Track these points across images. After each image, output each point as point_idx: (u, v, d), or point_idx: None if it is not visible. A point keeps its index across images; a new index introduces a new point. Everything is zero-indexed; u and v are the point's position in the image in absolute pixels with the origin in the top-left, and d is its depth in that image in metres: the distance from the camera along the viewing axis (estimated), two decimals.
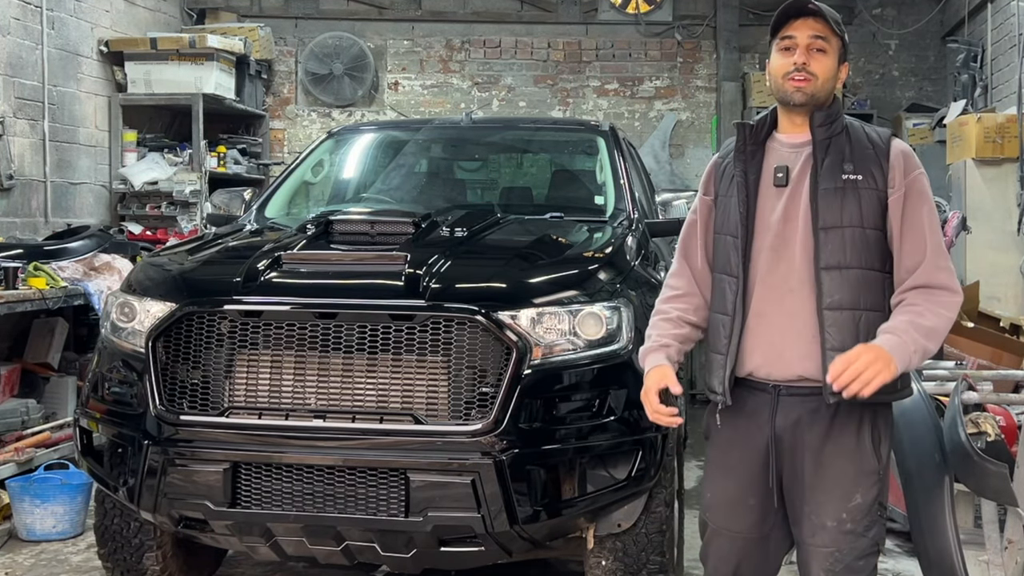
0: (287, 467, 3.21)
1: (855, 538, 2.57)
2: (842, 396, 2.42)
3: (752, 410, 2.63)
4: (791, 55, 2.59)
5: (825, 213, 2.53)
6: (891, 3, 9.54)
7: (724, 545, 2.72)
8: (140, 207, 8.03)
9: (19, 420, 5.49)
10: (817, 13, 2.59)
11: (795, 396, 2.57)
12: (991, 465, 2.73)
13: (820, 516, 2.57)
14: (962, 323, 5.06)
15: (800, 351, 2.54)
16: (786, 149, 2.65)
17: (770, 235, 2.59)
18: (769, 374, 2.59)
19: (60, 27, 7.25)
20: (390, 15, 9.68)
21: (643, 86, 9.69)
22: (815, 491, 2.57)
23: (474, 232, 3.88)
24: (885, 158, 2.57)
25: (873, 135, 2.62)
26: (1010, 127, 6.62)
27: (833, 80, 2.62)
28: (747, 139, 2.66)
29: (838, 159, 2.56)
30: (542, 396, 3.21)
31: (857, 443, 2.56)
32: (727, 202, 2.67)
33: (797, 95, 2.58)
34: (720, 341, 2.63)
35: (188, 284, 3.52)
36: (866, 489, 2.57)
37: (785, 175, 2.60)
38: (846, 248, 2.52)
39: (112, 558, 3.78)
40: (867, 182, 2.55)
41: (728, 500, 2.70)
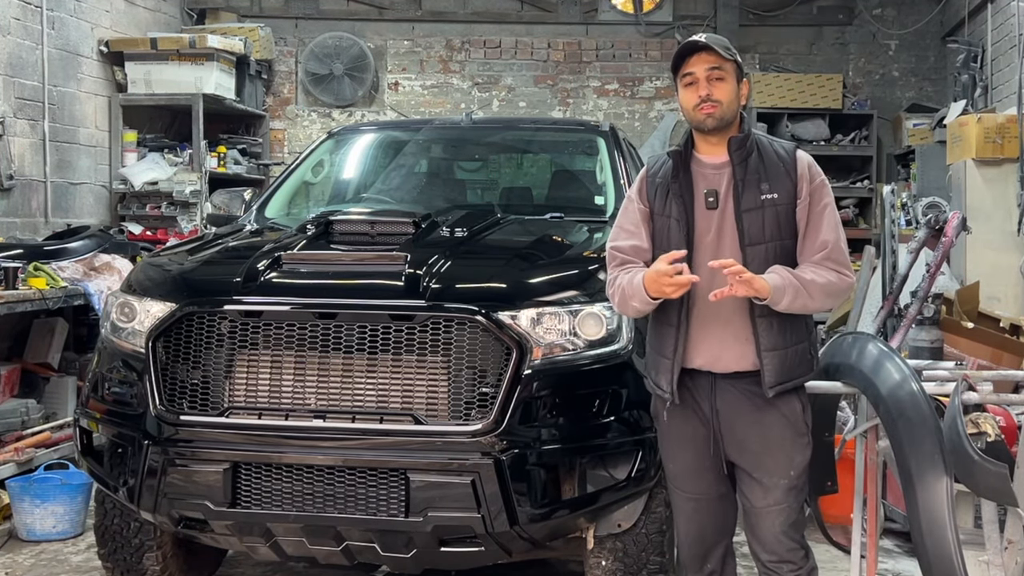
0: (287, 467, 3.21)
1: (798, 493, 2.98)
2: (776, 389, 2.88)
3: (695, 392, 2.97)
4: (695, 89, 2.92)
5: (750, 231, 2.89)
6: (891, 3, 9.53)
7: (689, 507, 3.08)
8: (140, 207, 8.03)
9: (19, 420, 5.49)
10: (707, 47, 2.90)
11: (729, 380, 2.94)
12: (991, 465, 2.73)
13: (772, 476, 2.95)
14: (962, 323, 5.06)
15: (736, 353, 2.91)
16: (709, 171, 2.96)
17: (707, 253, 2.90)
18: (712, 369, 2.95)
19: (60, 27, 7.25)
20: (390, 15, 9.69)
21: (643, 86, 9.69)
22: (762, 456, 2.95)
23: (474, 232, 3.88)
24: (793, 171, 2.93)
25: (781, 151, 2.97)
26: (1010, 127, 6.62)
27: (736, 100, 2.95)
28: (679, 165, 2.97)
29: (755, 180, 2.91)
30: (542, 396, 3.21)
31: (790, 411, 2.95)
32: (665, 221, 2.97)
33: (709, 121, 2.91)
34: (667, 347, 2.96)
35: (188, 284, 3.52)
36: (801, 449, 2.97)
37: (716, 198, 2.93)
38: (770, 260, 2.88)
39: (112, 558, 3.79)
40: (782, 198, 2.91)
41: (688, 468, 3.04)
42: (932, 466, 2.83)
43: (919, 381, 3.01)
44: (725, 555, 3.12)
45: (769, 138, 3.03)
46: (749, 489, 3.00)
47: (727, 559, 3.14)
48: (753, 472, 2.97)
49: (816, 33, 9.59)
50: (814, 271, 2.87)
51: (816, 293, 2.85)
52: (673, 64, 2.99)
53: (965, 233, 4.73)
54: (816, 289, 2.85)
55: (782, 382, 2.90)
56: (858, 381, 3.17)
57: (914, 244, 4.75)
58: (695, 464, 3.02)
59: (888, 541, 4.62)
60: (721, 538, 3.11)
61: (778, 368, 2.89)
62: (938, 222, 4.64)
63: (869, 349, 3.18)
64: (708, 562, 3.10)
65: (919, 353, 4.51)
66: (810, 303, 2.86)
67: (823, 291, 2.87)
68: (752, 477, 2.98)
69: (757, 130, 3.07)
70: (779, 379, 2.89)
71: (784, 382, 2.90)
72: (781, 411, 2.93)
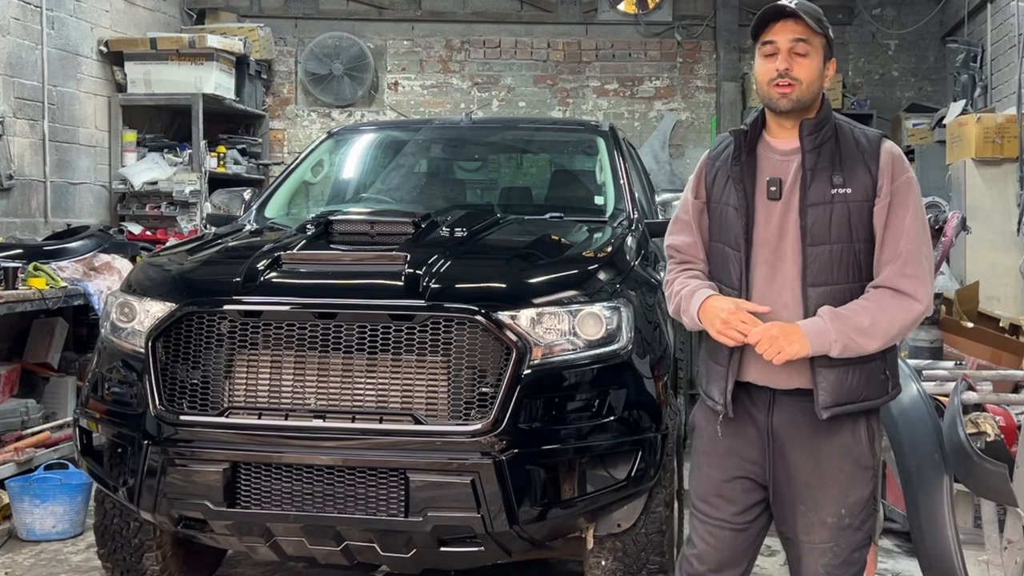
0: (287, 467, 3.21)
1: (852, 532, 2.62)
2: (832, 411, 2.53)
3: (748, 407, 2.66)
4: (774, 60, 2.57)
5: (814, 229, 2.54)
6: (891, 3, 9.54)
7: (706, 530, 2.76)
8: (140, 207, 8.03)
9: (19, 420, 5.49)
10: (796, 15, 2.55)
11: (790, 396, 2.61)
12: (990, 465, 2.73)
13: (819, 513, 2.61)
14: (962, 323, 5.06)
15: (796, 366, 2.55)
16: (777, 156, 2.63)
17: (766, 249, 2.59)
18: (768, 384, 2.64)
19: (60, 27, 7.25)
20: (390, 15, 9.69)
21: (643, 86, 9.69)
22: (812, 489, 2.61)
23: (474, 232, 3.88)
24: (875, 163, 2.56)
25: (863, 140, 2.61)
26: (1010, 127, 6.62)
27: (819, 81, 2.59)
28: (742, 146, 2.65)
29: (827, 171, 2.56)
30: (542, 396, 3.21)
31: (853, 440, 2.60)
32: (722, 209, 2.67)
33: (783, 101, 2.57)
34: (722, 352, 2.65)
35: (188, 284, 3.52)
36: (863, 485, 2.61)
37: (778, 188, 2.59)
38: (833, 265, 2.54)
39: (112, 558, 3.78)
40: (856, 193, 2.55)
41: (713, 489, 2.74)
42: (932, 466, 2.83)
43: (919, 381, 3.01)
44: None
45: (852, 124, 2.66)
46: (792, 519, 2.66)
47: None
48: (800, 503, 2.64)
49: None
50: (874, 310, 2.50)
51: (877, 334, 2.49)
52: (753, 29, 2.61)
53: (965, 233, 4.74)
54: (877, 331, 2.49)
55: (841, 403, 2.54)
56: None
57: None
58: (720, 486, 2.72)
59: (888, 541, 4.62)
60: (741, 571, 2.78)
61: (835, 387, 2.54)
62: (938, 222, 4.64)
63: None
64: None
65: (919, 353, 4.51)
66: (867, 347, 2.50)
67: (886, 333, 2.50)
68: (798, 508, 2.64)
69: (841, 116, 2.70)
70: (837, 400, 2.54)
71: (844, 403, 2.55)
72: (842, 438, 2.59)
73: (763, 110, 2.69)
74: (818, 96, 2.61)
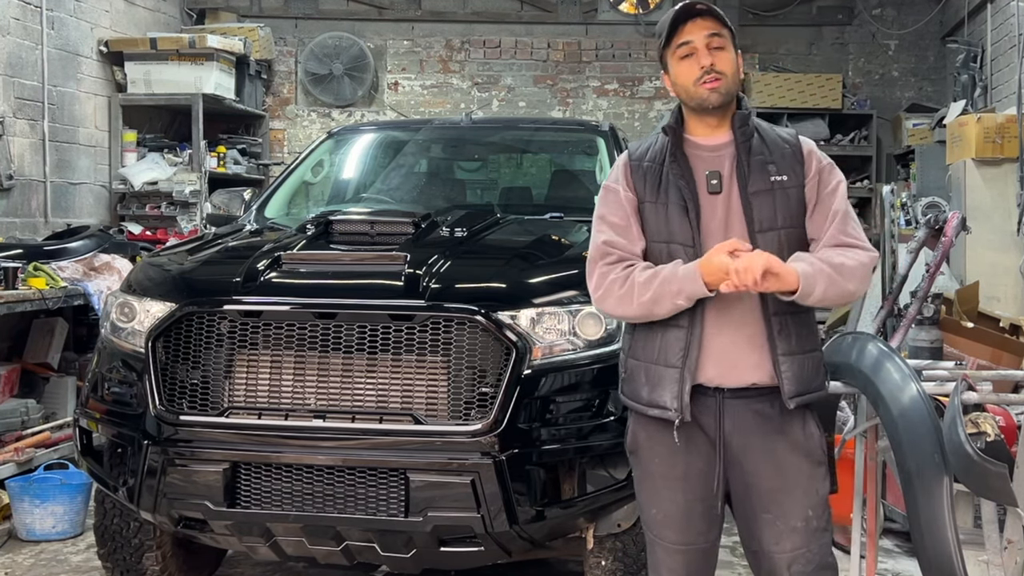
0: (287, 467, 3.21)
1: (821, 534, 2.59)
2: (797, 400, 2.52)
3: (698, 416, 2.56)
4: (692, 61, 2.57)
5: (760, 216, 2.55)
6: (891, 3, 9.53)
7: (676, 561, 2.65)
8: (140, 207, 8.03)
9: (19, 420, 5.49)
10: (705, 12, 2.56)
11: (740, 399, 2.56)
12: (990, 465, 2.72)
13: (787, 519, 2.56)
14: (962, 323, 5.05)
15: (752, 360, 2.54)
16: (707, 153, 2.62)
17: (714, 241, 2.53)
18: (721, 384, 2.56)
19: (60, 27, 7.25)
20: (390, 15, 9.69)
21: (643, 86, 9.69)
22: (777, 494, 2.56)
23: (474, 232, 3.88)
24: (800, 153, 2.62)
25: (784, 134, 2.67)
26: (1010, 127, 6.61)
27: (738, 72, 2.61)
28: (676, 147, 2.62)
29: (761, 161, 2.58)
30: (542, 396, 3.21)
31: (804, 436, 2.59)
32: (659, 209, 2.60)
33: (714, 96, 2.56)
34: (673, 354, 2.54)
35: (188, 284, 3.52)
36: (820, 481, 2.61)
37: (719, 181, 2.58)
38: (783, 250, 2.52)
39: (112, 558, 3.79)
40: (791, 180, 2.58)
41: (677, 513, 2.62)
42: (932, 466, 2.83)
43: (919, 381, 3.01)
44: None
45: (765, 122, 2.71)
46: (759, 530, 2.59)
47: None
48: (764, 512, 2.58)
49: (816, 33, 9.59)
50: (842, 253, 2.52)
51: (850, 276, 2.50)
52: (666, 33, 2.60)
53: (965, 233, 4.72)
54: (849, 272, 2.49)
55: (803, 393, 2.54)
56: (858, 381, 3.17)
57: (914, 244, 4.74)
58: (685, 508, 2.61)
59: (888, 541, 4.62)
60: None
61: (797, 376, 2.53)
62: (937, 222, 4.63)
63: (869, 349, 3.18)
64: None
65: (919, 353, 4.50)
66: (847, 287, 2.50)
67: (855, 273, 2.51)
68: (763, 517, 2.58)
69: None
70: (799, 389, 2.53)
71: (804, 393, 2.55)
72: (796, 436, 2.58)
73: (679, 111, 2.67)
74: (738, 88, 2.63)
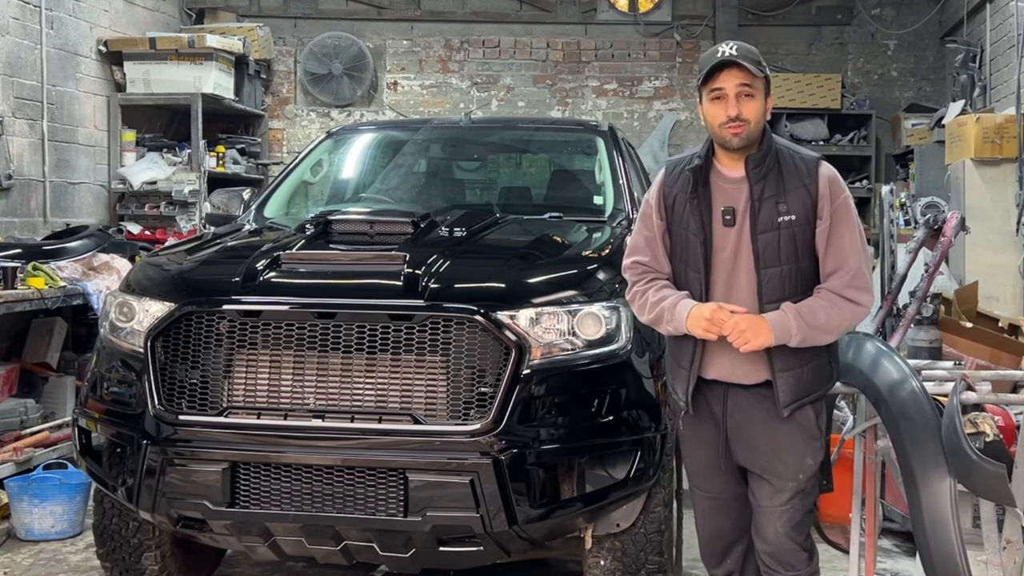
0: (286, 467, 3.21)
1: (804, 497, 2.98)
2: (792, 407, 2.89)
3: (708, 398, 3.01)
4: (723, 104, 2.85)
5: (765, 254, 2.85)
6: (890, 3, 9.54)
7: (706, 505, 3.14)
8: (139, 207, 8.03)
9: (18, 420, 5.49)
10: (740, 64, 2.83)
11: (744, 390, 2.95)
12: (989, 465, 2.73)
13: (781, 478, 2.96)
14: (961, 323, 5.06)
15: (750, 368, 2.91)
16: (728, 185, 2.91)
17: (724, 271, 2.91)
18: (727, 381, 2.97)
19: (59, 27, 7.25)
20: (389, 15, 9.69)
21: (642, 86, 9.69)
22: (772, 459, 2.95)
23: (473, 232, 3.88)
24: (814, 186, 2.86)
25: (801, 165, 2.89)
26: (1009, 127, 6.61)
27: (763, 117, 2.89)
28: (697, 180, 2.91)
29: (773, 199, 2.85)
30: (541, 396, 3.21)
31: (802, 415, 2.94)
32: (684, 235, 2.95)
33: (735, 140, 2.85)
34: (684, 358, 2.98)
35: (187, 284, 3.52)
36: (814, 453, 2.97)
37: (732, 216, 2.88)
38: (784, 284, 2.86)
39: (111, 558, 3.78)
40: (799, 220, 2.85)
41: (704, 466, 3.09)
42: (935, 466, 2.83)
43: (920, 381, 3.02)
44: (746, 554, 3.13)
45: (792, 148, 2.96)
46: (758, 488, 3.01)
47: (748, 558, 3.13)
48: (763, 473, 2.99)
49: (815, 33, 9.60)
50: (829, 309, 2.84)
51: (832, 330, 2.86)
52: (702, 77, 2.89)
53: (964, 233, 4.73)
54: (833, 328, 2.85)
55: (798, 399, 2.91)
56: (857, 381, 3.17)
57: (913, 244, 4.75)
58: (711, 463, 3.06)
59: (887, 541, 4.62)
60: (739, 537, 3.12)
61: (793, 387, 2.89)
62: (937, 222, 4.64)
63: (868, 348, 3.18)
64: (727, 558, 3.14)
65: (918, 353, 4.51)
66: (822, 340, 2.87)
67: (837, 329, 2.87)
68: (762, 477, 2.99)
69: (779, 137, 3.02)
70: (794, 397, 2.90)
71: (800, 399, 2.91)
72: (795, 419, 2.94)
73: (711, 142, 2.95)
74: (761, 129, 2.90)
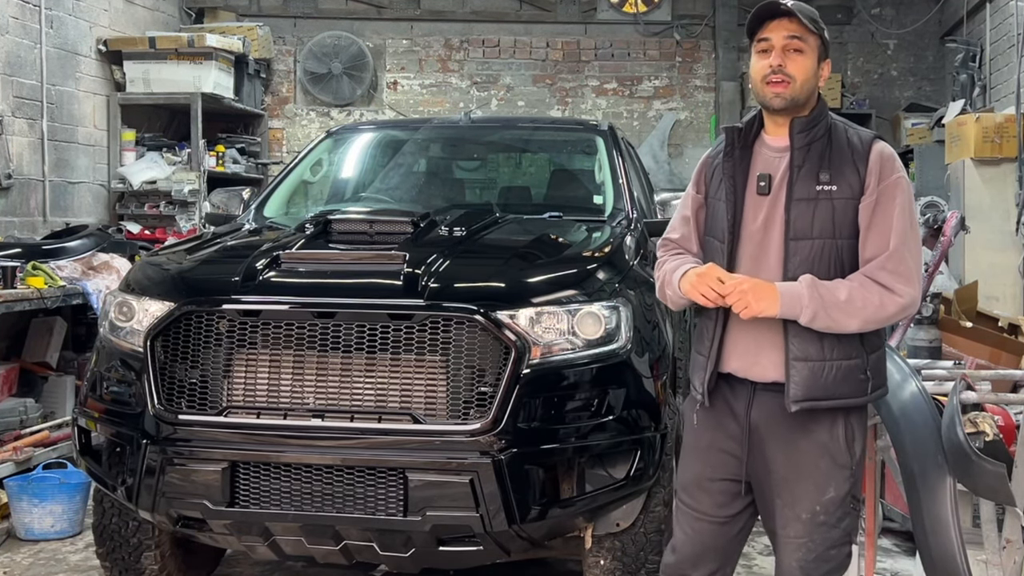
0: (285, 466, 3.21)
1: (828, 529, 2.63)
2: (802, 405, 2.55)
3: (729, 400, 2.70)
4: (768, 57, 2.59)
5: (797, 223, 2.56)
6: (890, 3, 9.54)
7: (691, 525, 2.80)
8: (139, 206, 8.03)
9: (17, 419, 5.49)
10: (791, 13, 2.57)
11: (770, 392, 2.63)
12: (989, 465, 2.73)
13: (794, 508, 2.64)
14: (960, 323, 5.06)
15: (773, 359, 2.61)
16: (771, 153, 2.66)
17: (752, 243, 2.63)
18: (747, 375, 2.67)
19: (59, 26, 7.25)
20: (389, 14, 9.69)
21: (642, 86, 9.69)
22: (789, 483, 2.64)
23: (473, 232, 3.88)
24: (864, 163, 2.58)
25: (855, 139, 2.62)
26: (1008, 127, 6.62)
27: (813, 80, 2.61)
28: (735, 143, 2.69)
29: (815, 168, 2.57)
30: (541, 396, 3.21)
31: (830, 438, 2.62)
32: (716, 205, 2.72)
33: (776, 100, 2.59)
34: (704, 343, 2.72)
35: (187, 283, 3.52)
36: (839, 483, 2.63)
37: (767, 183, 2.62)
38: (814, 260, 2.56)
39: (110, 557, 3.78)
40: (842, 191, 2.56)
41: (696, 481, 2.78)
42: (935, 466, 2.83)
43: (920, 381, 3.01)
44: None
45: (848, 124, 2.67)
46: (771, 513, 2.70)
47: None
48: (777, 497, 2.66)
49: None
50: (854, 289, 2.50)
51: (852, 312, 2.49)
52: (749, 26, 2.63)
53: (963, 233, 4.74)
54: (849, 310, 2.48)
55: (813, 398, 2.55)
56: None
57: None
58: (703, 478, 2.76)
59: (886, 540, 4.62)
60: (719, 567, 2.80)
61: (807, 382, 2.54)
62: (936, 221, 4.64)
63: None
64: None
65: (917, 352, 4.51)
66: (842, 323, 2.50)
67: (861, 313, 2.49)
68: (776, 502, 2.67)
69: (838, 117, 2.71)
70: (808, 394, 2.54)
71: (816, 399, 2.55)
72: (819, 435, 2.61)
73: (761, 109, 2.70)
74: (812, 95, 2.63)
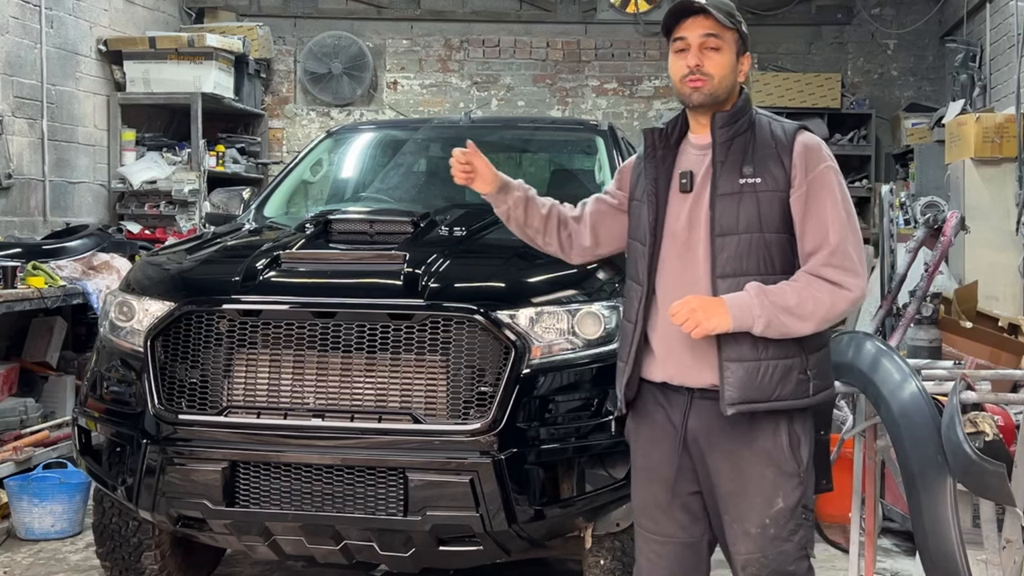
0: (285, 466, 3.21)
1: (780, 543, 2.53)
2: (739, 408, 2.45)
3: (666, 411, 2.61)
4: (685, 56, 2.55)
5: (722, 219, 2.49)
6: (890, 3, 9.53)
7: (652, 550, 2.68)
8: (139, 206, 8.03)
9: (18, 419, 5.49)
10: (705, 10, 2.52)
11: (709, 399, 2.53)
12: (989, 465, 2.73)
13: (743, 524, 2.54)
14: (960, 323, 5.06)
15: (708, 361, 2.51)
16: (694, 151, 2.62)
17: (676, 242, 2.57)
18: (683, 382, 2.58)
19: (59, 26, 7.24)
20: (389, 14, 9.68)
21: (642, 85, 9.69)
22: (735, 497, 2.54)
23: (473, 231, 3.88)
24: (788, 155, 2.52)
25: (779, 131, 2.57)
26: (1008, 127, 6.61)
27: (732, 76, 2.57)
28: (656, 144, 2.64)
29: (738, 162, 2.52)
30: (541, 395, 3.21)
31: (774, 445, 2.53)
32: (638, 207, 2.67)
33: (695, 96, 2.55)
34: (624, 348, 2.66)
35: (187, 283, 3.52)
36: (788, 493, 2.53)
37: (689, 180, 2.57)
38: (742, 256, 2.49)
39: (110, 557, 3.79)
40: (767, 183, 2.50)
41: (655, 504, 2.66)
42: (935, 466, 2.83)
43: (920, 381, 3.01)
44: None
45: (772, 117, 2.62)
46: (721, 530, 2.60)
47: None
48: (724, 513, 2.56)
49: (815, 32, 9.59)
50: (801, 290, 2.44)
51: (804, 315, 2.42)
52: (664, 25, 2.58)
53: (963, 232, 4.73)
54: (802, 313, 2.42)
55: (748, 400, 2.44)
56: (857, 380, 3.16)
57: (912, 243, 4.75)
58: (661, 500, 2.63)
59: (886, 540, 4.62)
60: None
61: (743, 383, 2.44)
62: (936, 221, 4.64)
63: (867, 348, 3.18)
64: None
65: (917, 352, 4.51)
66: (796, 327, 2.44)
67: (813, 315, 2.43)
68: (723, 518, 2.57)
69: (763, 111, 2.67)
70: (743, 396, 2.44)
71: (752, 401, 2.45)
72: (761, 443, 2.51)
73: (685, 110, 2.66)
74: (733, 90, 2.59)
